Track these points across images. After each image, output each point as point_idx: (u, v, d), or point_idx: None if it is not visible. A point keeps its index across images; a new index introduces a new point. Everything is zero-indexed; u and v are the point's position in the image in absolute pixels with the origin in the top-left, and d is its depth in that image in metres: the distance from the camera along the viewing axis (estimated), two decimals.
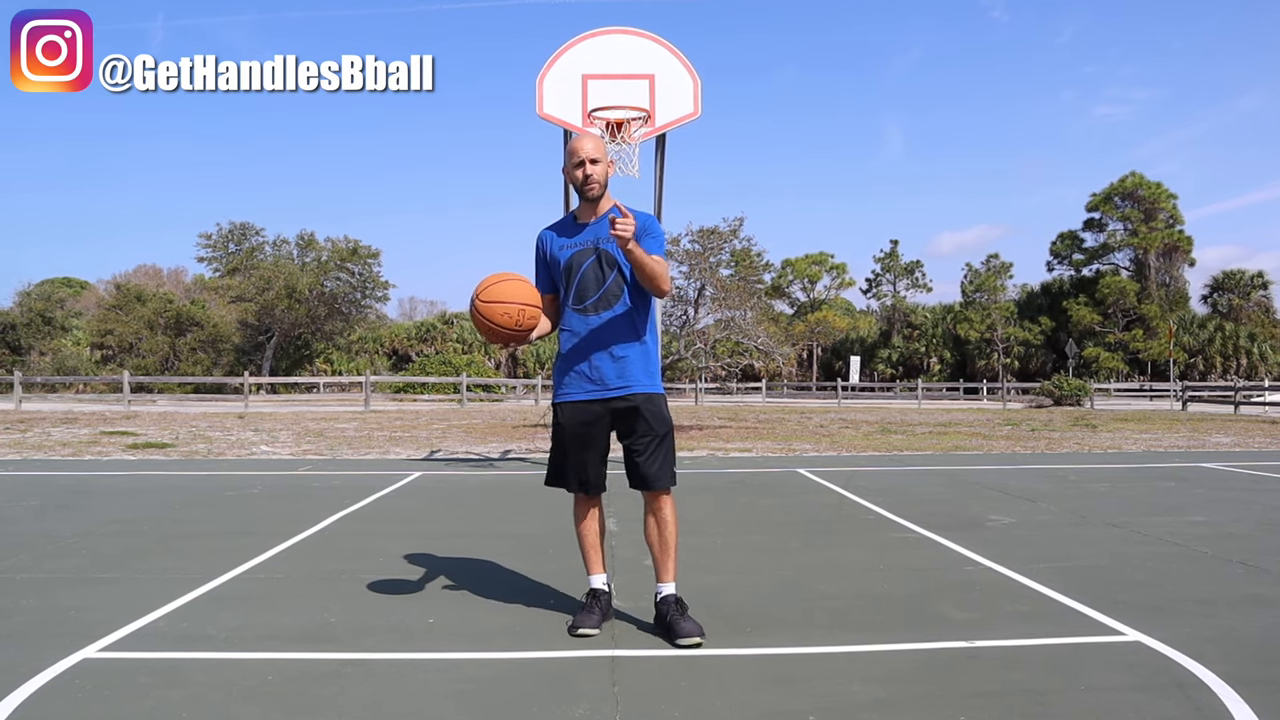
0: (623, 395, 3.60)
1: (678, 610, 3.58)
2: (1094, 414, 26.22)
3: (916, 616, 3.85)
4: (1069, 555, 5.14)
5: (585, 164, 3.61)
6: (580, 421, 3.64)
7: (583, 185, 3.63)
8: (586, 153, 3.62)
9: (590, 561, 3.77)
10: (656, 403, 3.65)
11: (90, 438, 14.29)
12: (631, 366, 3.60)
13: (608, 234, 3.58)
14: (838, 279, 70.48)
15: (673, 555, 3.68)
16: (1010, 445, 13.60)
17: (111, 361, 47.10)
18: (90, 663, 3.22)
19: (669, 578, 3.67)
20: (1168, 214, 55.24)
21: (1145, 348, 52.28)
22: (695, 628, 3.49)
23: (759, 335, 20.58)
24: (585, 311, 3.61)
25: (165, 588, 4.29)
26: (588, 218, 3.70)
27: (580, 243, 3.66)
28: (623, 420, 3.63)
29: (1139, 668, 3.17)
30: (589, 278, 3.61)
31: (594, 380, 3.61)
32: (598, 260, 3.62)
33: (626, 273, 3.61)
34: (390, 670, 3.17)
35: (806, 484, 8.51)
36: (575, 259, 3.64)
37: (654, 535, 3.68)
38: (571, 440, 3.66)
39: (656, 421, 3.62)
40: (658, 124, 9.07)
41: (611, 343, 3.60)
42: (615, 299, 3.61)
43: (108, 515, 6.51)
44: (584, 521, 3.76)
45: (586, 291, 3.61)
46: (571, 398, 3.65)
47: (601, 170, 3.63)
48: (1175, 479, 8.89)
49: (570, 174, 3.67)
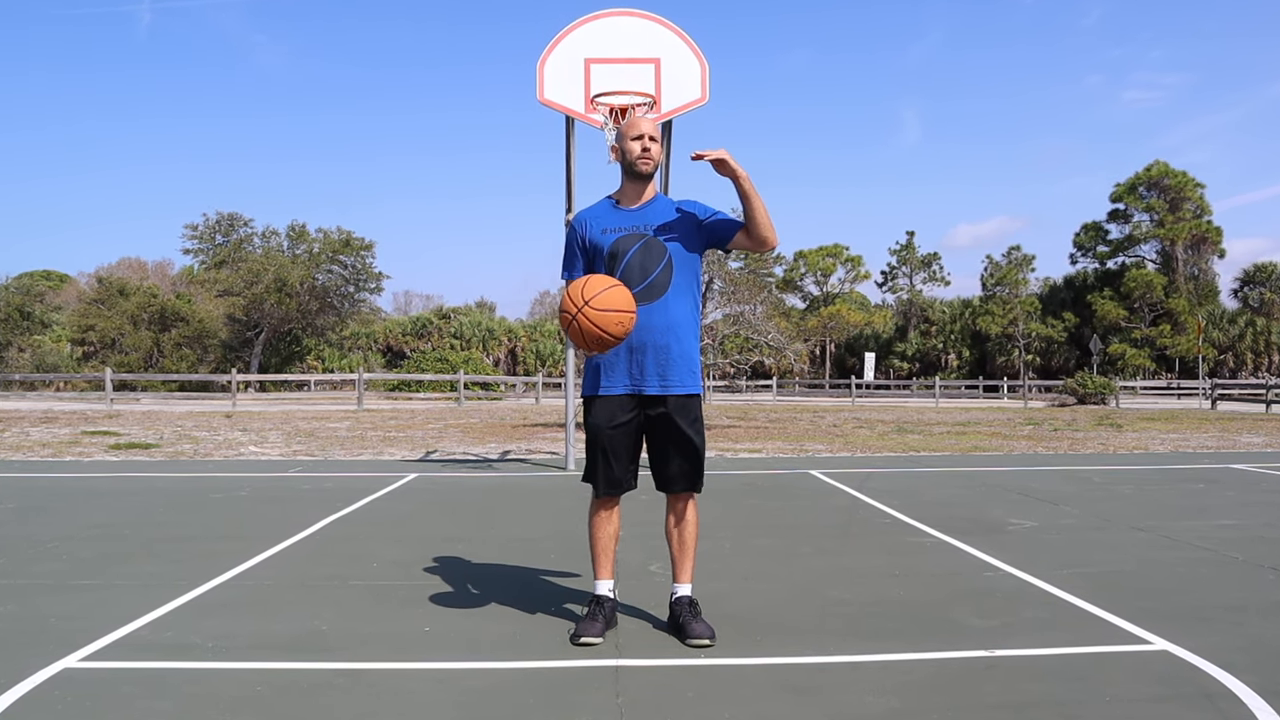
0: (662, 394, 3.59)
1: (691, 612, 3.62)
2: (1119, 413, 26.18)
3: (933, 624, 3.84)
4: (1093, 560, 5.13)
5: (645, 138, 3.62)
6: (614, 417, 3.61)
7: (638, 158, 3.62)
8: (648, 127, 3.64)
9: (599, 565, 3.75)
10: (694, 404, 3.66)
11: (71, 438, 14.32)
12: (675, 364, 3.59)
13: (657, 220, 3.62)
14: (852, 272, 70.50)
15: (691, 556, 3.74)
16: (1032, 446, 13.59)
17: (93, 358, 47.22)
18: (72, 672, 3.22)
19: (685, 579, 3.73)
20: (1195, 204, 55.15)
21: (1173, 344, 52.19)
22: (707, 629, 3.54)
23: (769, 331, 20.59)
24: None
25: (149, 594, 4.29)
26: (632, 202, 3.68)
27: (625, 228, 3.63)
28: (658, 419, 3.62)
29: (1166, 678, 3.16)
30: (634, 266, 3.57)
31: (633, 375, 3.58)
32: (645, 247, 3.59)
33: (676, 262, 3.60)
34: (384, 680, 3.17)
35: (819, 486, 8.51)
36: (620, 245, 3.60)
37: (674, 535, 3.74)
38: (607, 439, 3.61)
39: (691, 423, 3.63)
40: (664, 110, 9.04)
41: (655, 338, 3.56)
42: (662, 289, 3.58)
43: (89, 519, 6.52)
44: (602, 522, 3.73)
45: (631, 281, 3.54)
46: (606, 391, 3.62)
47: (658, 151, 3.65)
48: (1204, 481, 8.87)
49: (626, 146, 3.65)
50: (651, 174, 3.66)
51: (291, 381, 44.50)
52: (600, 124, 8.83)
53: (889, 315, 69.52)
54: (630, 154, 3.64)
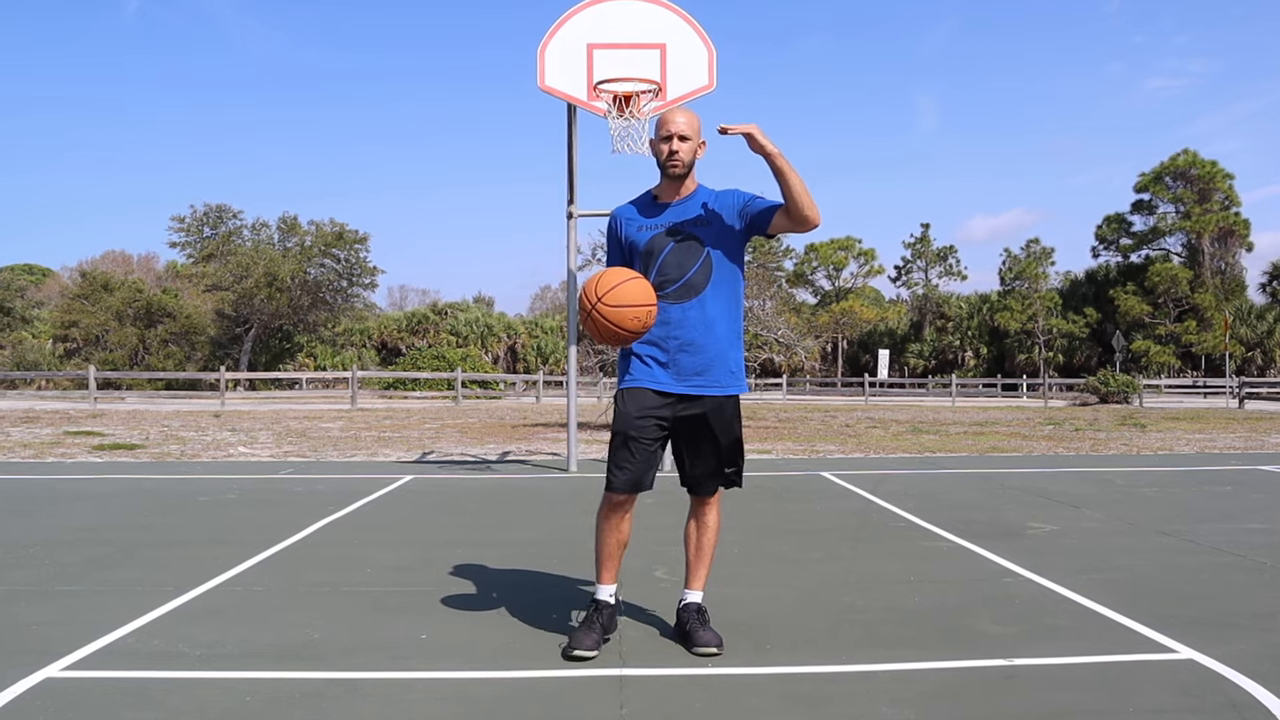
0: (699, 394, 3.58)
1: (699, 619, 3.63)
2: (1143, 412, 26.15)
3: (950, 632, 3.84)
4: (1116, 566, 5.13)
5: (674, 139, 3.59)
6: (644, 408, 3.56)
7: (666, 160, 3.61)
8: (677, 127, 3.60)
9: (604, 569, 3.68)
10: (731, 405, 3.67)
11: (53, 438, 14.35)
12: (713, 364, 3.58)
13: (694, 215, 3.62)
14: (865, 266, 70.41)
15: (707, 563, 3.76)
16: (1052, 446, 13.58)
17: (76, 355, 47.27)
18: (53, 682, 3.22)
19: (698, 585, 3.74)
20: (1223, 195, 55.03)
21: (1199, 340, 52.11)
22: (714, 638, 3.54)
23: (779, 327, 20.55)
24: (667, 299, 3.55)
25: (134, 601, 4.30)
26: (670, 197, 3.69)
27: (661, 224, 3.64)
28: (692, 420, 3.61)
29: (1192, 688, 3.15)
30: (670, 264, 3.59)
31: (670, 373, 3.57)
32: (682, 244, 3.60)
33: (715, 259, 3.60)
34: (378, 691, 3.17)
35: (831, 488, 8.51)
36: (656, 242, 3.62)
37: (692, 539, 3.76)
38: (632, 427, 3.54)
39: (727, 424, 3.65)
40: (669, 97, 9.03)
41: (694, 337, 3.56)
42: (700, 288, 3.58)
43: (72, 522, 6.53)
44: (611, 526, 3.63)
45: (668, 279, 3.57)
46: (640, 383, 3.59)
47: (690, 150, 3.61)
48: (1231, 483, 8.86)
49: (655, 146, 3.65)
50: (682, 176, 3.64)
51: (282, 380, 44.56)
52: (604, 112, 8.82)
53: (903, 311, 69.46)
54: (659, 156, 3.63)
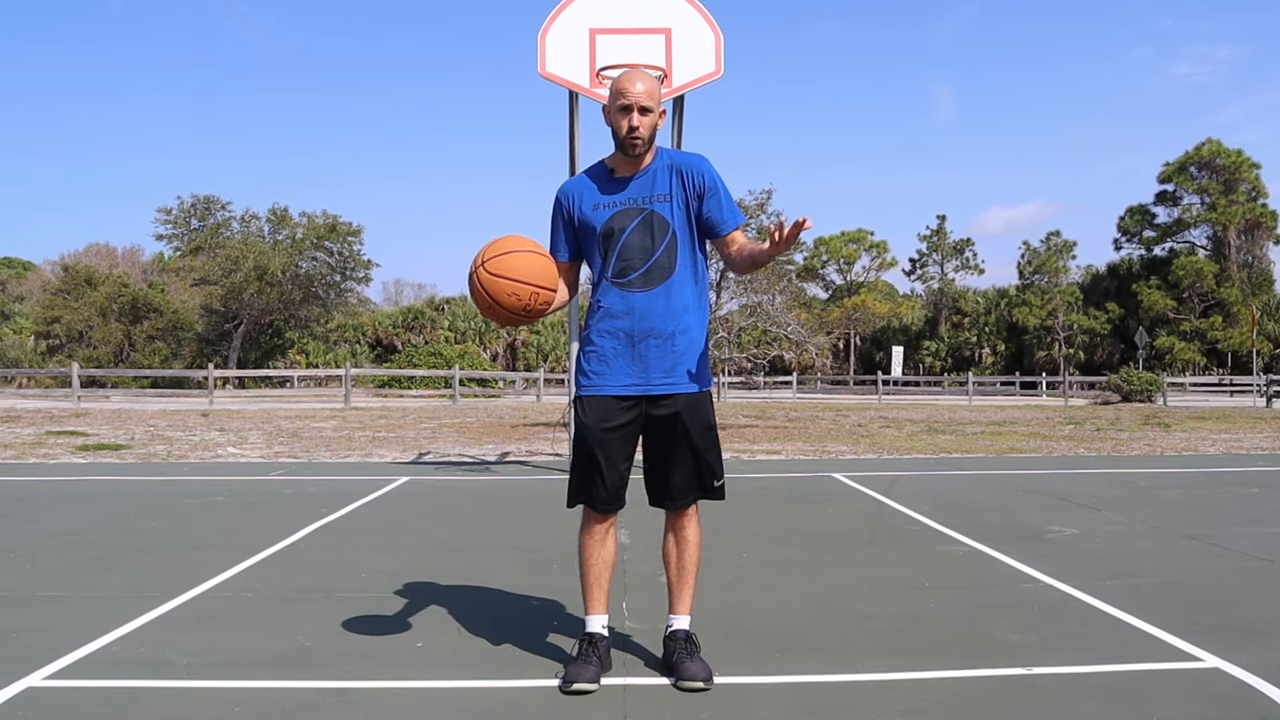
0: (668, 393, 3.33)
1: (686, 649, 3.35)
2: (1167, 411, 26.12)
3: (967, 640, 3.83)
4: (1139, 571, 5.12)
5: (634, 111, 3.26)
6: (611, 420, 3.32)
7: (625, 137, 3.28)
8: (635, 97, 3.25)
9: (591, 597, 3.42)
10: (703, 403, 3.42)
11: (35, 438, 14.37)
12: (681, 357, 3.33)
13: (659, 190, 3.34)
14: (878, 259, 70.24)
15: (690, 584, 3.48)
16: (1073, 447, 13.56)
17: (59, 352, 47.36)
18: (35, 692, 3.23)
19: (683, 609, 3.47)
20: (1250, 186, 54.96)
21: (1225, 336, 52.04)
22: (703, 670, 3.27)
23: (789, 323, 20.52)
24: (630, 287, 3.31)
25: (119, 608, 4.30)
26: (630, 170, 3.38)
27: (622, 201, 3.35)
28: (663, 421, 3.35)
29: (1218, 698, 3.15)
30: (633, 246, 3.31)
31: (635, 371, 3.31)
32: (646, 224, 3.32)
33: (680, 238, 3.34)
34: (371, 700, 3.17)
35: (843, 490, 8.51)
36: (616, 221, 3.33)
37: (673, 558, 3.50)
38: (598, 443, 3.31)
39: (704, 424, 3.40)
40: (675, 84, 9.03)
41: (660, 327, 3.30)
42: (667, 272, 3.31)
43: (55, 526, 6.55)
44: (595, 546, 3.41)
45: (631, 263, 3.31)
46: (603, 390, 3.33)
47: (650, 124, 3.29)
48: (1259, 485, 8.85)
49: (613, 119, 3.33)
50: (644, 152, 3.35)
51: (273, 378, 44.61)
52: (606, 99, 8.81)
53: (918, 306, 69.41)
54: (618, 130, 3.32)
